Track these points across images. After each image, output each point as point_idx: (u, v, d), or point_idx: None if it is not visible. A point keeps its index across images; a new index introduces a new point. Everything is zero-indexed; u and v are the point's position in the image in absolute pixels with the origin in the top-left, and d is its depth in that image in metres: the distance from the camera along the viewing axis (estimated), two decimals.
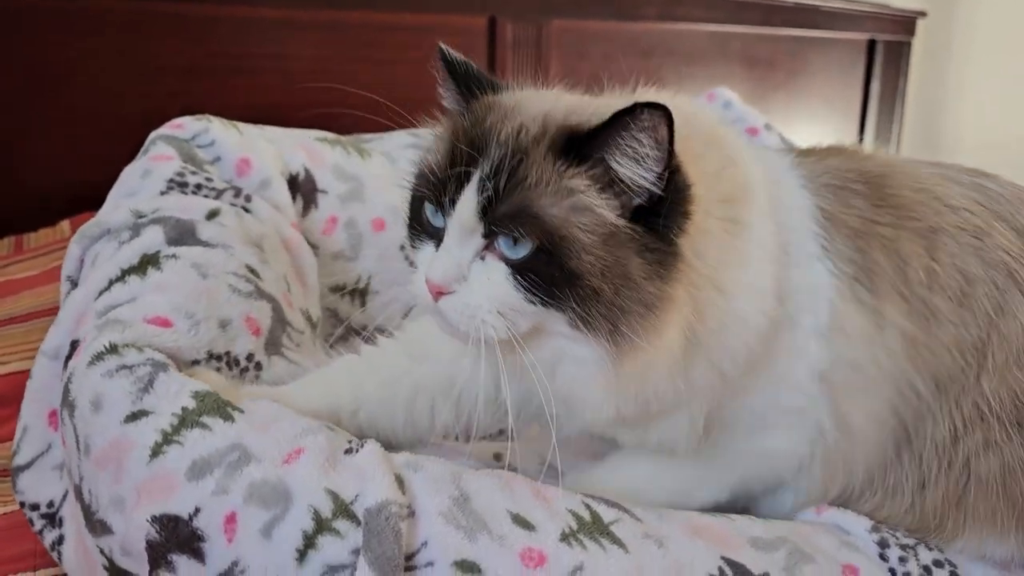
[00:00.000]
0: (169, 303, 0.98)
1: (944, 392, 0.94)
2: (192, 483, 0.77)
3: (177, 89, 1.87)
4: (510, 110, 0.87)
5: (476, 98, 0.92)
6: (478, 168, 0.82)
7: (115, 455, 0.81)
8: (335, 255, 1.47)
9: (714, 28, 2.81)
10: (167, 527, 0.76)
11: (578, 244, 0.79)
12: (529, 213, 0.79)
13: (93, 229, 1.14)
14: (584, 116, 0.84)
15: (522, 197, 0.80)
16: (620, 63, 2.65)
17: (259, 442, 0.80)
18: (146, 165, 1.26)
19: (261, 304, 1.11)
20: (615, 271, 0.79)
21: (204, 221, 1.15)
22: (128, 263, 1.05)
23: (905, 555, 0.93)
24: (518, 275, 0.80)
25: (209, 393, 0.85)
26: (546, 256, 0.79)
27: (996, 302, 0.94)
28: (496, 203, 0.80)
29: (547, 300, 0.80)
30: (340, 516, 0.74)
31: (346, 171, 1.53)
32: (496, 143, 0.82)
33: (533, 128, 0.83)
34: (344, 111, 1.80)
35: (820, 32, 3.07)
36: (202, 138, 1.37)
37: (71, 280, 1.14)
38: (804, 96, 3.13)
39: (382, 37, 2.17)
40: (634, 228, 0.81)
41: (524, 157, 0.81)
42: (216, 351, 1.00)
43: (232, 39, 1.98)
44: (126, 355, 0.88)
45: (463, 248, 0.83)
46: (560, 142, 0.82)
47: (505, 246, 0.81)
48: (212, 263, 1.08)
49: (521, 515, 0.79)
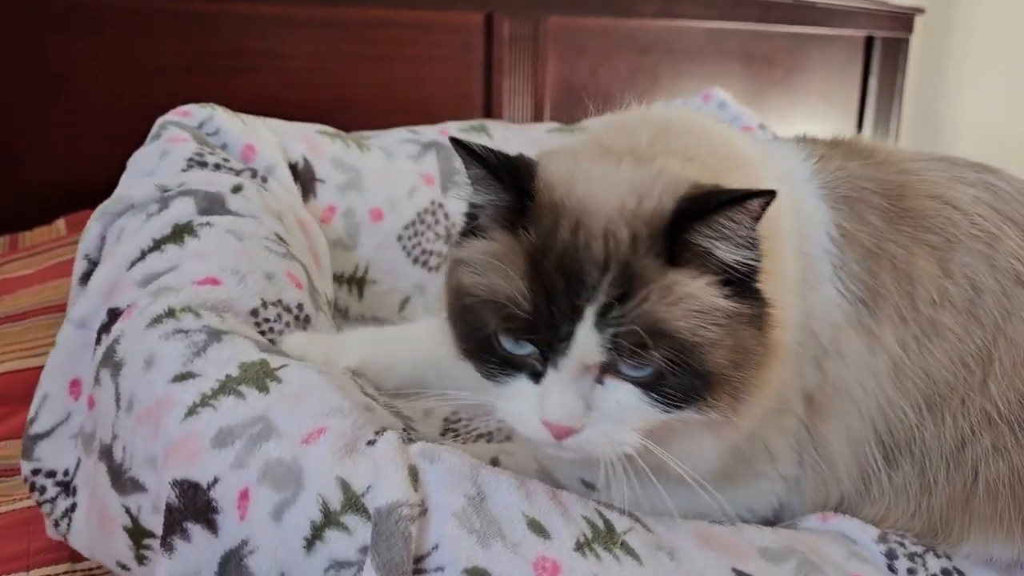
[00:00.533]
0: (213, 265, 1.01)
1: (938, 407, 0.93)
2: (215, 451, 0.78)
3: (175, 88, 1.87)
4: (580, 212, 0.78)
5: (519, 194, 0.79)
6: (586, 299, 0.74)
7: (156, 412, 0.83)
8: (333, 244, 1.50)
9: (711, 25, 2.81)
10: (187, 493, 0.77)
11: (707, 344, 0.75)
12: (656, 332, 0.74)
13: (115, 205, 1.16)
14: (656, 203, 0.77)
15: (645, 318, 0.74)
16: (617, 60, 2.66)
17: (284, 416, 0.80)
18: (163, 147, 1.29)
19: (296, 264, 1.14)
20: (738, 351, 0.77)
21: (231, 194, 1.17)
22: (160, 233, 1.07)
23: (914, 566, 0.92)
24: (650, 391, 0.76)
25: (254, 364, 0.86)
26: (678, 366, 0.74)
27: (1004, 308, 0.93)
28: (616, 328, 0.73)
29: (684, 405, 0.77)
30: (349, 510, 0.73)
31: (345, 162, 1.56)
32: (593, 264, 0.74)
33: (621, 232, 0.76)
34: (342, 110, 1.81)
35: (818, 29, 3.07)
36: (208, 126, 1.40)
37: (89, 259, 1.16)
38: (802, 93, 3.13)
39: (379, 34, 2.18)
40: (741, 303, 0.77)
41: (631, 272, 0.74)
42: (268, 299, 1.02)
43: (230, 37, 2.00)
44: (183, 320, 0.91)
45: (578, 381, 0.76)
46: (659, 244, 0.76)
47: (627, 368, 0.76)
48: (245, 229, 1.11)
49: (537, 520, 0.77)
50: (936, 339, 0.93)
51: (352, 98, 2.16)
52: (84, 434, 0.98)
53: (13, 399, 1.29)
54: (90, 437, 0.96)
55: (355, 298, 1.54)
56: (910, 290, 0.93)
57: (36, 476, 1.03)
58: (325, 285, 1.34)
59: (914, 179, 0.99)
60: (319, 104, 2.02)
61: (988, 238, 0.95)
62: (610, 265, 0.74)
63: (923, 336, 0.93)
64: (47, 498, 1.02)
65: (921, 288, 0.93)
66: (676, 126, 0.94)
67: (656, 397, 0.76)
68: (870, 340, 0.93)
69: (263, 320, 1.01)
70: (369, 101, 2.17)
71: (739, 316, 0.77)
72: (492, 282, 0.78)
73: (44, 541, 1.01)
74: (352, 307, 1.54)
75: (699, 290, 0.76)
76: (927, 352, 0.93)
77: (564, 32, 2.47)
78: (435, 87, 2.29)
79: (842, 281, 0.93)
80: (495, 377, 0.80)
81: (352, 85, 2.17)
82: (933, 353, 0.93)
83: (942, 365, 0.92)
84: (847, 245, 0.93)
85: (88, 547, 0.95)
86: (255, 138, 1.42)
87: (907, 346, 0.93)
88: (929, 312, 0.92)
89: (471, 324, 0.80)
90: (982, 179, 1.00)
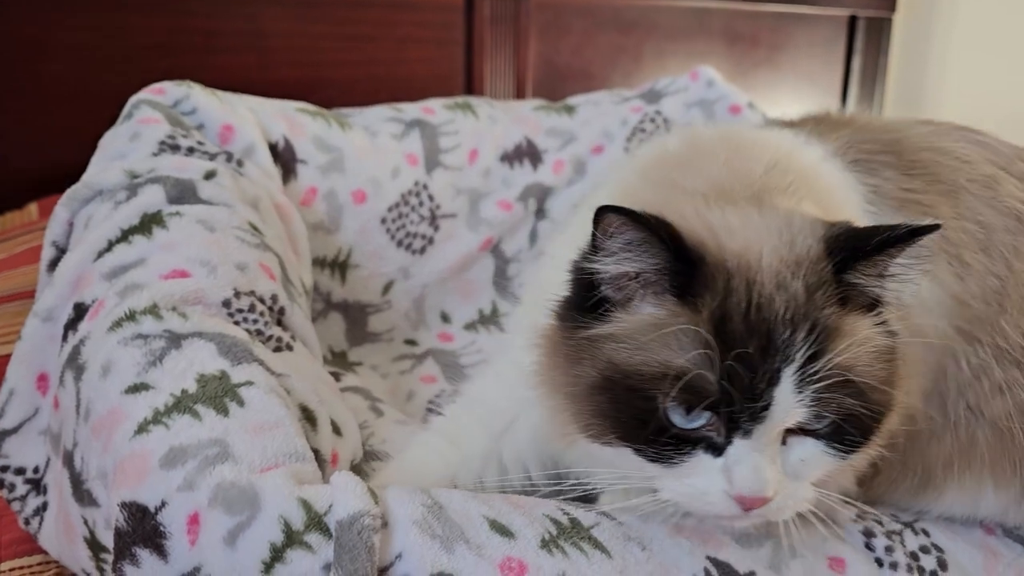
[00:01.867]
0: (182, 256, 0.97)
1: (969, 338, 0.94)
2: (163, 471, 0.73)
3: (150, 67, 1.84)
4: (746, 269, 0.75)
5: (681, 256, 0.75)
6: (782, 360, 0.71)
7: (108, 425, 0.79)
8: (314, 227, 1.45)
9: (695, 4, 2.79)
10: (135, 516, 0.73)
11: (882, 383, 0.75)
12: (846, 383, 0.72)
13: (83, 191, 1.12)
14: (814, 246, 0.77)
15: (835, 372, 0.72)
16: (600, 39, 2.64)
17: (243, 444, 0.76)
18: (134, 128, 1.24)
19: (269, 255, 1.10)
20: (897, 379, 0.78)
21: (203, 181, 1.13)
22: (128, 223, 1.03)
23: (891, 543, 0.92)
24: (833, 443, 0.75)
25: (214, 378, 0.82)
26: (861, 413, 0.74)
27: (1011, 246, 0.95)
28: (818, 387, 0.72)
29: (861, 446, 0.77)
30: (312, 529, 0.70)
31: (327, 142, 1.51)
32: (781, 322, 0.72)
33: (794, 285, 0.74)
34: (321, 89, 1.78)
35: (801, 8, 3.06)
36: (184, 105, 1.35)
37: (56, 245, 1.12)
38: (786, 72, 3.12)
39: (358, 14, 2.14)
40: (890, 334, 0.79)
41: (819, 325, 0.72)
42: (241, 289, 0.98)
43: (206, 16, 1.95)
44: (143, 323, 0.87)
45: (770, 447, 0.74)
46: (831, 290, 0.75)
47: (811, 419, 0.74)
48: (217, 219, 1.06)
49: (499, 521, 0.77)
50: (969, 278, 0.93)
51: (331, 78, 2.12)
52: (52, 433, 0.95)
53: None
54: (56, 438, 0.92)
55: (338, 282, 1.50)
56: (943, 231, 0.92)
57: (4, 473, 1.00)
58: (303, 272, 1.30)
59: (903, 136, 1.02)
60: (298, 84, 1.98)
61: (987, 181, 0.98)
62: (797, 321, 0.72)
63: (961, 273, 0.93)
64: (16, 496, 0.98)
65: (949, 230, 0.94)
66: (750, 150, 0.96)
67: (839, 446, 0.75)
68: (931, 280, 0.92)
69: (236, 311, 0.97)
70: (349, 81, 2.14)
71: (894, 348, 0.78)
72: (663, 356, 0.73)
73: (16, 533, 0.98)
74: (335, 291, 1.50)
75: (871, 331, 0.76)
76: (968, 289, 0.93)
77: (546, 11, 2.43)
78: (415, 67, 2.26)
79: None
80: (667, 458, 0.74)
81: (331, 65, 2.13)
82: (971, 290, 0.93)
83: (978, 299, 0.93)
84: (880, 200, 0.96)
85: (56, 549, 0.92)
86: (233, 118, 1.37)
87: (958, 281, 0.93)
88: (958, 252, 0.94)
89: (632, 404, 0.74)
90: (965, 135, 1.04)
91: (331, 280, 1.49)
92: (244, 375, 0.84)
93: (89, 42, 1.83)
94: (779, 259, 0.75)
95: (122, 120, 1.29)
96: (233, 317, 0.97)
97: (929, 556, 0.92)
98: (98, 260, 0.99)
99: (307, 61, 2.10)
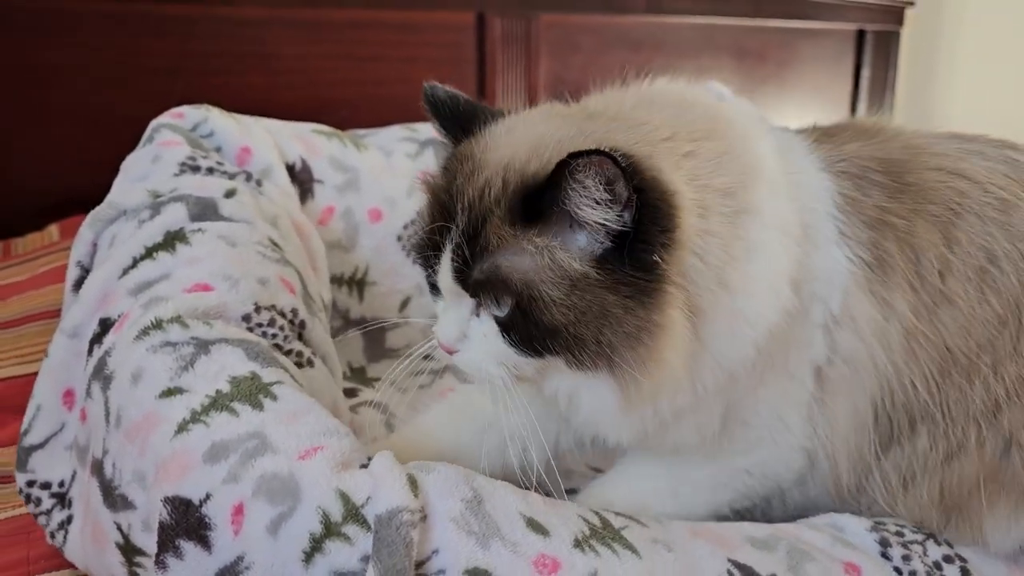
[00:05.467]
0: (204, 271, 1.00)
1: (960, 373, 0.93)
2: (207, 466, 0.76)
3: (160, 89, 1.87)
4: (477, 162, 0.87)
5: (462, 139, 0.92)
6: (447, 237, 0.84)
7: (144, 429, 0.81)
8: (331, 245, 1.47)
9: (702, 20, 2.81)
10: (179, 510, 0.75)
11: (547, 299, 0.80)
12: (498, 277, 0.82)
13: (107, 211, 1.15)
14: (542, 163, 0.83)
15: (488, 262, 0.82)
16: (609, 57, 2.66)
17: (280, 433, 0.79)
18: (155, 151, 1.27)
19: (290, 270, 1.12)
20: (591, 314, 0.80)
21: (223, 199, 1.15)
22: (152, 240, 1.05)
23: (909, 553, 0.92)
24: (506, 332, 0.83)
25: (246, 379, 0.85)
26: (522, 314, 0.81)
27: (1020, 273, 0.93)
28: (468, 269, 0.83)
29: (535, 351, 0.83)
30: (350, 520, 0.72)
31: (343, 162, 1.53)
32: (462, 208, 0.84)
33: (495, 185, 0.83)
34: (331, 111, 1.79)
35: (809, 23, 3.08)
36: (202, 127, 1.37)
37: (81, 265, 1.14)
38: (794, 87, 3.13)
39: (367, 35, 2.17)
40: (602, 268, 0.80)
41: (486, 221, 0.82)
42: (262, 303, 1.00)
43: (215, 39, 1.99)
44: (170, 331, 0.89)
45: (460, 308, 0.87)
46: (517, 203, 0.82)
47: (491, 305, 0.84)
48: (238, 234, 1.09)
49: (535, 519, 0.78)
50: (946, 307, 0.93)
51: (340, 98, 2.14)
52: (78, 446, 0.96)
53: (8, 406, 1.27)
54: (84, 450, 0.94)
55: (355, 300, 1.51)
56: (914, 259, 0.93)
57: (31, 488, 1.02)
58: (322, 289, 1.32)
59: (919, 153, 1.00)
60: (307, 105, 2.01)
61: (1002, 205, 0.96)
62: (472, 210, 0.83)
63: (932, 305, 0.93)
64: (42, 510, 1.00)
65: (924, 258, 0.93)
66: (665, 96, 0.97)
67: (509, 338, 0.83)
68: (883, 307, 0.93)
69: (256, 325, 0.99)
70: (358, 102, 2.15)
71: (598, 281, 0.80)
72: (421, 212, 0.92)
73: (44, 548, 0.99)
74: (352, 309, 1.52)
75: (548, 248, 0.81)
76: (937, 321, 0.93)
77: (556, 30, 2.46)
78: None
79: (849, 247, 0.94)
80: (432, 294, 0.91)
81: (340, 85, 2.15)
82: (943, 322, 0.93)
83: (953, 333, 0.92)
84: (852, 212, 0.95)
85: (83, 560, 0.93)
86: (251, 139, 1.39)
87: (919, 314, 0.93)
88: (935, 282, 0.93)
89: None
90: (1003, 154, 1.01)
91: (349, 298, 1.51)
92: (274, 376, 0.87)
93: (99, 66, 1.86)
94: (504, 165, 0.84)
95: (143, 143, 1.32)
96: (253, 332, 0.99)
97: (953, 566, 0.92)
98: (123, 277, 1.01)
99: (316, 82, 2.12)
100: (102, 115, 1.86)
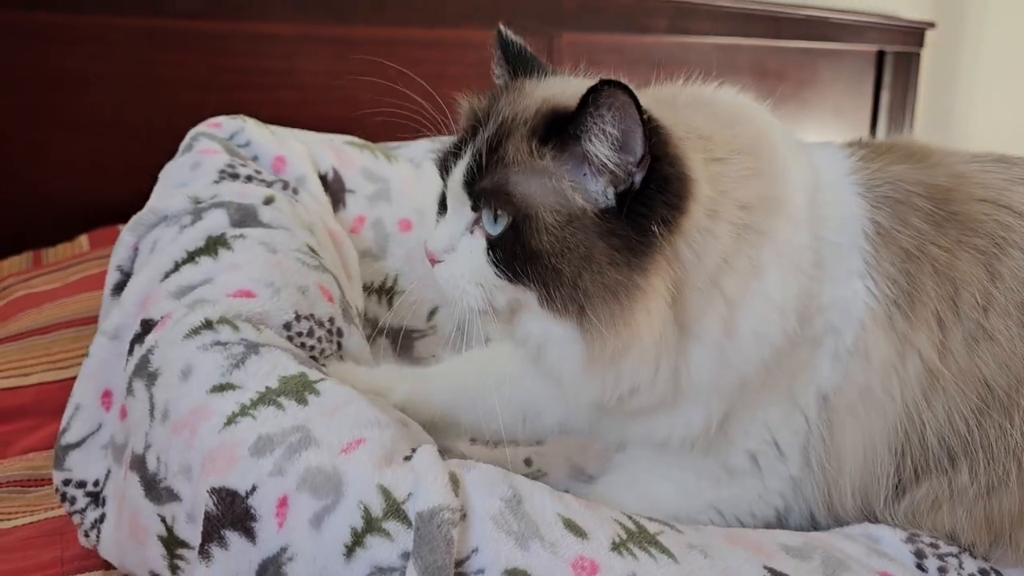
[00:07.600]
0: (247, 277, 1.02)
1: (1000, 409, 0.92)
2: (253, 459, 0.77)
3: (193, 103, 1.88)
4: (524, 92, 0.92)
5: (519, 78, 0.97)
6: (466, 150, 0.88)
7: (192, 422, 0.83)
8: (362, 254, 1.49)
9: (723, 41, 2.83)
10: (225, 501, 0.77)
11: (539, 223, 0.83)
12: (504, 190, 0.84)
13: (148, 217, 1.16)
14: (576, 99, 0.84)
15: (500, 174, 0.85)
16: (631, 76, 2.65)
17: (323, 427, 0.80)
18: (194, 158, 1.29)
19: (328, 277, 1.14)
20: (577, 253, 0.82)
21: (263, 206, 1.17)
22: (194, 245, 1.07)
23: (945, 565, 0.91)
24: (491, 250, 0.85)
25: (293, 377, 0.86)
26: (514, 233, 0.84)
27: None
28: (479, 178, 0.86)
29: (513, 276, 0.84)
30: (391, 516, 0.72)
31: (374, 173, 1.56)
32: (494, 120, 0.87)
33: (530, 110, 0.87)
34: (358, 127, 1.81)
35: (829, 44, 3.09)
36: (239, 137, 1.40)
37: (121, 270, 1.16)
38: (814, 108, 3.14)
39: (394, 52, 2.18)
40: (602, 213, 0.82)
41: (510, 135, 0.86)
42: (301, 312, 1.02)
43: (245, 55, 2.01)
44: (220, 331, 0.91)
45: (458, 221, 0.89)
46: (541, 124, 0.85)
47: (487, 221, 0.86)
48: (278, 241, 1.11)
49: (573, 520, 0.78)
50: (986, 342, 0.92)
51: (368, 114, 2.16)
52: (115, 445, 0.98)
53: (41, 411, 1.29)
54: (121, 448, 0.95)
55: (385, 308, 1.53)
56: (952, 294, 0.92)
57: (67, 486, 1.03)
58: (356, 297, 1.34)
59: (966, 182, 0.98)
60: (335, 120, 2.03)
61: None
62: (500, 124, 0.87)
63: (971, 340, 0.92)
64: (77, 508, 1.02)
65: (965, 292, 0.92)
66: (720, 103, 0.99)
67: (494, 256, 0.85)
68: (901, 345, 0.92)
69: (295, 334, 1.01)
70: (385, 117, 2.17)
71: (594, 224, 0.82)
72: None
73: (77, 549, 1.01)
74: (382, 317, 1.53)
75: (557, 175, 0.83)
76: (976, 356, 0.91)
77: (577, 48, 2.48)
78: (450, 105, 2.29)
79: (874, 280, 0.93)
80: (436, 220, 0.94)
81: (369, 101, 2.17)
82: (983, 357, 0.91)
83: (993, 369, 0.91)
84: (883, 244, 0.93)
85: (118, 557, 0.95)
86: (285, 149, 1.42)
87: (949, 351, 0.91)
88: (976, 316, 0.92)
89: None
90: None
91: (378, 306, 1.52)
92: (319, 376, 0.89)
93: (130, 80, 1.89)
94: (544, 98, 0.89)
95: (182, 151, 1.34)
96: (292, 341, 1.00)
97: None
98: (165, 280, 1.03)
99: (344, 98, 2.14)
100: (131, 127, 1.89)
